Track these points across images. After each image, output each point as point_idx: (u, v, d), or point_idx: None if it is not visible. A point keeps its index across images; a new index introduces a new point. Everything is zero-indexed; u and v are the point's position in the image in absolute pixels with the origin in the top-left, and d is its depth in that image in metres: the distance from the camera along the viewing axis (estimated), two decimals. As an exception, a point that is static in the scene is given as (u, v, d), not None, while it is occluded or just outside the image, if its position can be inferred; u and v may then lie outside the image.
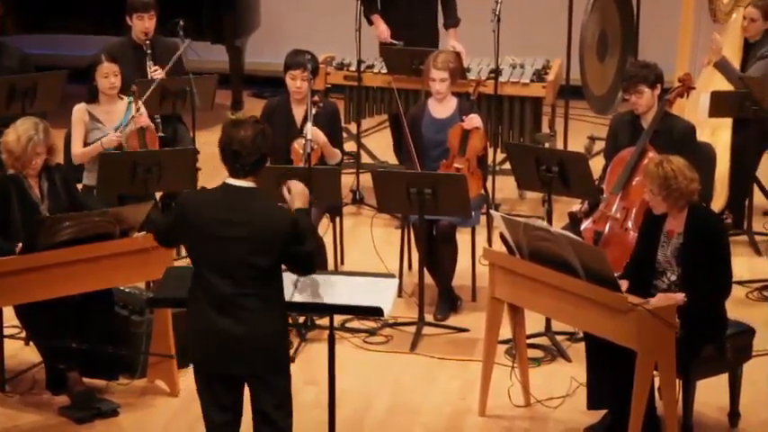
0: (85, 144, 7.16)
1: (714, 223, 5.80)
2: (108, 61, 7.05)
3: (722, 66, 7.74)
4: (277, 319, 4.88)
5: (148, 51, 7.68)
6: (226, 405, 4.90)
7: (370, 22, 8.43)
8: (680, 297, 5.54)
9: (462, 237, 7.16)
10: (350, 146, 8.61)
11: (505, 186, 8.29)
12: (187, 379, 6.29)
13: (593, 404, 5.84)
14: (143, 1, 7.81)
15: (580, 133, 9.16)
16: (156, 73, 7.64)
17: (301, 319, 6.81)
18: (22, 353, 6.53)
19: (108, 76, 7.05)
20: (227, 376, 4.88)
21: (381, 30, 8.38)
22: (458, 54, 7.70)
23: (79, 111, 7.15)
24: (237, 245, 4.77)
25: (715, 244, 5.64)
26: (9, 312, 6.28)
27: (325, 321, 6.48)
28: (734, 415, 5.92)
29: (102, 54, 7.10)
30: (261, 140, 4.85)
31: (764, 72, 7.68)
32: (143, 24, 7.78)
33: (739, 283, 7.16)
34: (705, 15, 8.13)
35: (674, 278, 5.74)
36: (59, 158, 6.44)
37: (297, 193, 5.01)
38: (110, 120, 7.16)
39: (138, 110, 7.17)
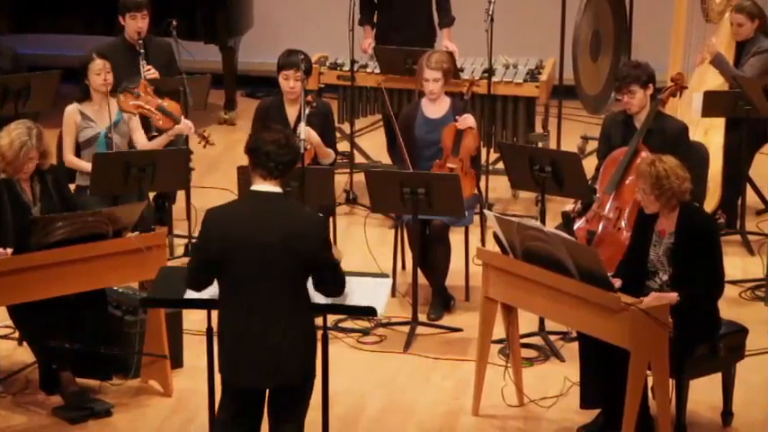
0: (78, 143, 7.15)
1: (705, 222, 5.80)
2: (100, 58, 7.05)
3: (718, 62, 7.75)
4: (307, 327, 4.91)
5: (141, 51, 7.67)
6: (247, 412, 4.95)
7: (384, 17, 8.41)
8: (673, 296, 5.55)
9: (456, 236, 7.16)
10: (343, 146, 8.61)
11: (499, 186, 8.29)
12: (180, 379, 6.30)
13: (586, 404, 5.84)
14: (136, 1, 7.81)
15: (573, 133, 9.17)
16: (149, 73, 7.64)
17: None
18: (15, 353, 6.52)
19: (100, 73, 7.05)
20: (250, 393, 4.92)
21: (365, 42, 8.38)
22: (451, 54, 7.71)
23: (71, 112, 7.15)
24: (272, 251, 4.77)
25: (706, 243, 5.65)
26: (2, 313, 6.27)
27: (318, 321, 6.46)
28: (727, 414, 5.93)
29: (92, 52, 7.10)
30: (292, 142, 4.92)
31: (760, 68, 7.69)
32: (136, 24, 7.78)
33: (732, 282, 7.17)
34: (697, 15, 8.13)
35: (665, 278, 5.74)
36: (52, 160, 6.43)
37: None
38: (101, 119, 7.16)
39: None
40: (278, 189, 4.87)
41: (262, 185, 4.86)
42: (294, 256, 4.79)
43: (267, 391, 4.98)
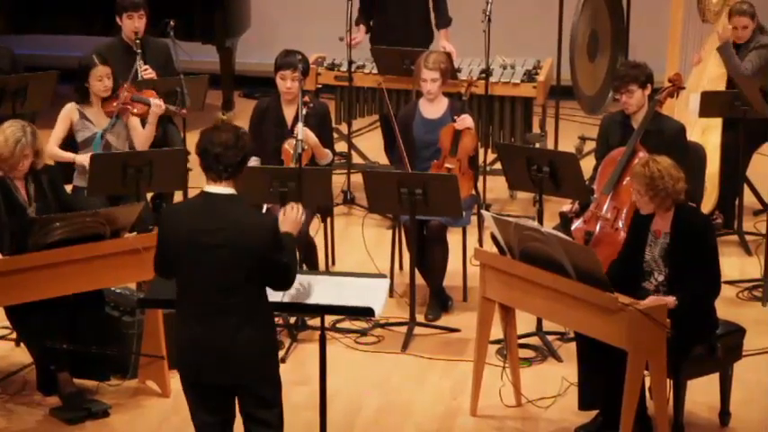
0: (73, 141, 7.15)
1: (700, 221, 5.81)
2: (102, 64, 7.05)
3: (725, 49, 7.71)
4: (261, 327, 4.84)
5: (138, 51, 7.67)
6: (214, 409, 4.88)
7: (381, 18, 8.41)
8: (671, 300, 5.55)
9: (453, 237, 7.16)
10: (341, 146, 8.61)
11: (496, 186, 8.29)
12: (178, 380, 6.29)
13: (584, 404, 5.84)
14: (133, 0, 7.81)
15: (571, 133, 9.17)
16: (146, 72, 7.64)
17: (292, 320, 6.81)
18: (13, 354, 6.52)
19: (102, 79, 7.05)
20: (214, 385, 4.85)
21: (357, 38, 8.36)
22: (449, 54, 7.71)
23: (69, 109, 7.15)
24: (220, 252, 4.73)
25: (702, 243, 5.65)
26: (0, 313, 6.27)
27: (316, 322, 6.48)
28: (725, 414, 5.93)
29: (94, 56, 7.09)
30: (242, 142, 4.82)
31: (759, 62, 7.69)
32: (133, 24, 7.77)
33: (730, 282, 7.18)
34: (694, 16, 8.14)
35: (661, 278, 5.74)
36: (47, 160, 6.42)
37: (289, 219, 4.93)
38: (100, 121, 7.15)
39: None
40: (230, 190, 4.80)
41: (213, 187, 4.81)
42: (242, 257, 4.73)
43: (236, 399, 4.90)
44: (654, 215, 5.76)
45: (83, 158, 7.04)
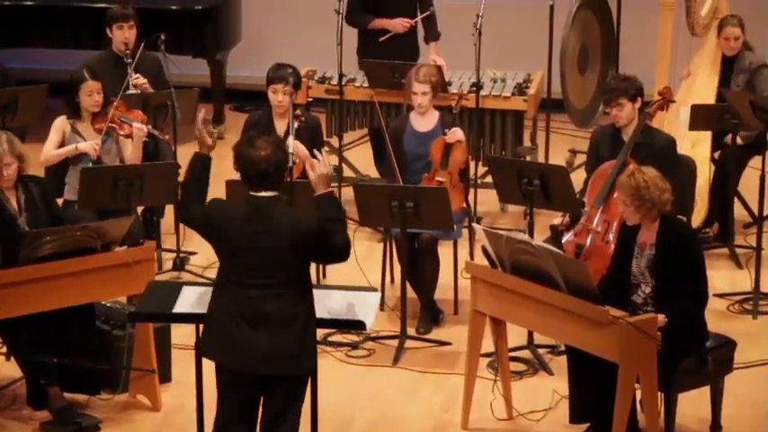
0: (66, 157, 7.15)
1: (685, 232, 5.82)
2: (92, 79, 7.03)
3: None
4: (307, 323, 4.93)
5: (129, 60, 7.66)
6: (245, 409, 4.98)
7: (370, 31, 8.41)
8: (660, 318, 5.54)
9: (444, 250, 7.16)
10: (331, 159, 8.61)
11: (487, 199, 8.30)
12: (169, 394, 6.29)
13: (575, 417, 5.84)
14: (122, 11, 7.81)
15: (561, 146, 9.19)
16: (137, 80, 7.63)
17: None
18: (3, 368, 6.50)
19: (92, 93, 7.04)
20: (250, 381, 4.93)
21: (394, 23, 8.36)
22: (439, 68, 7.72)
23: (62, 121, 7.15)
24: (267, 253, 4.86)
25: (687, 253, 5.66)
26: (-10, 327, 6.25)
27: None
28: (716, 427, 5.93)
29: (84, 71, 7.08)
30: (281, 153, 4.98)
31: None
32: (123, 34, 7.77)
33: (720, 295, 7.20)
34: (684, 29, 8.17)
35: (648, 291, 5.75)
36: (39, 172, 6.42)
37: (320, 177, 5.03)
38: (91, 136, 7.14)
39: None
40: (273, 193, 4.97)
41: (258, 192, 4.96)
42: (293, 256, 4.89)
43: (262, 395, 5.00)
44: (640, 228, 5.77)
45: (85, 146, 7.02)
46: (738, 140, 7.64)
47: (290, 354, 4.91)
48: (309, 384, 5.16)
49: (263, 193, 4.95)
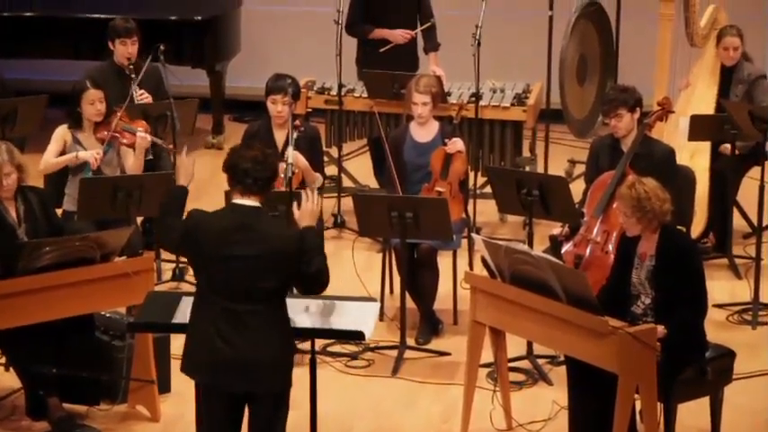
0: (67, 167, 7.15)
1: (685, 242, 5.82)
2: (94, 88, 7.04)
3: None
4: (282, 339, 4.92)
5: (132, 76, 7.67)
6: (227, 424, 4.94)
7: (369, 42, 8.41)
8: (660, 329, 5.54)
9: (444, 260, 7.16)
10: (331, 170, 8.61)
11: (486, 210, 8.30)
12: (168, 404, 6.28)
13: (574, 428, 5.83)
14: (126, 26, 7.81)
15: (560, 157, 9.19)
16: (142, 97, 7.64)
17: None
18: (2, 379, 6.49)
19: (94, 102, 7.05)
20: (230, 395, 4.90)
21: (395, 34, 8.37)
22: (439, 78, 7.73)
23: (63, 130, 7.16)
24: (245, 264, 4.82)
25: (687, 264, 5.66)
26: (-11, 338, 6.25)
27: (306, 345, 6.44)
28: (715, 438, 5.93)
29: (87, 81, 7.09)
30: (271, 159, 4.97)
31: None
32: (126, 50, 7.78)
33: (720, 306, 7.19)
34: (682, 40, 8.18)
35: (648, 302, 5.75)
36: (38, 183, 6.42)
37: (305, 212, 5.04)
38: (92, 146, 7.14)
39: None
40: (257, 203, 4.93)
41: (241, 200, 4.93)
42: (268, 267, 4.84)
43: (246, 407, 4.97)
44: (640, 238, 5.77)
45: (86, 155, 7.01)
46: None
47: (266, 370, 4.87)
48: (309, 394, 5.16)
49: (247, 202, 4.91)
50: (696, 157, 7.95)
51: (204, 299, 4.93)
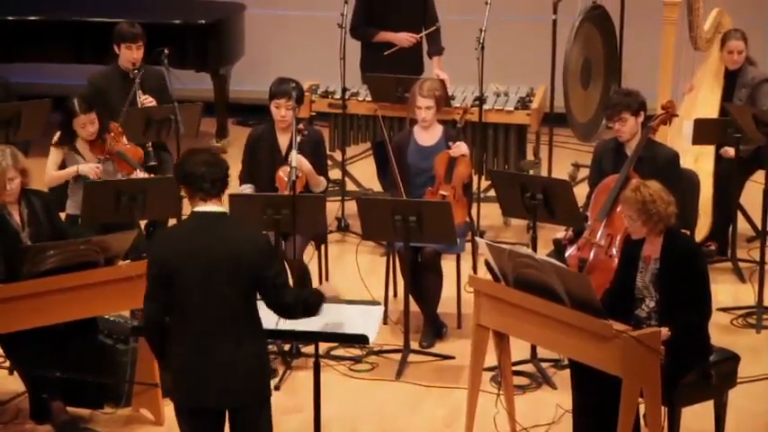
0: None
1: (688, 244, 5.82)
2: (84, 113, 6.97)
3: None
4: (256, 349, 4.86)
5: (137, 81, 7.66)
6: None
7: (373, 45, 8.41)
8: (664, 331, 5.54)
9: (447, 264, 7.16)
10: (335, 173, 8.61)
11: (490, 213, 8.30)
12: (171, 408, 6.26)
13: (578, 431, 5.82)
14: (132, 31, 7.81)
15: (564, 160, 9.19)
16: (146, 100, 7.64)
17: (287, 347, 6.80)
18: (6, 382, 6.50)
19: (85, 126, 7.00)
20: (208, 410, 4.86)
21: (400, 37, 8.37)
22: (443, 82, 7.73)
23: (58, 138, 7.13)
24: (214, 269, 4.77)
25: (691, 267, 5.65)
26: (-7, 341, 6.25)
27: (310, 349, 6.46)
28: (719, 442, 5.93)
29: (76, 104, 6.98)
30: (220, 158, 4.93)
31: None
32: (131, 54, 7.78)
33: (723, 309, 7.19)
34: (686, 43, 8.18)
35: (652, 305, 5.74)
36: (42, 187, 6.42)
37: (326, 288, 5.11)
38: (89, 155, 7.13)
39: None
40: (220, 208, 4.89)
41: (203, 207, 4.87)
42: (238, 275, 4.78)
43: (227, 421, 4.92)
44: (644, 242, 5.77)
45: (85, 169, 7.01)
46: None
47: (241, 383, 4.81)
48: (312, 397, 5.16)
49: (211, 208, 4.86)
50: (700, 161, 7.95)
51: (180, 319, 4.83)
